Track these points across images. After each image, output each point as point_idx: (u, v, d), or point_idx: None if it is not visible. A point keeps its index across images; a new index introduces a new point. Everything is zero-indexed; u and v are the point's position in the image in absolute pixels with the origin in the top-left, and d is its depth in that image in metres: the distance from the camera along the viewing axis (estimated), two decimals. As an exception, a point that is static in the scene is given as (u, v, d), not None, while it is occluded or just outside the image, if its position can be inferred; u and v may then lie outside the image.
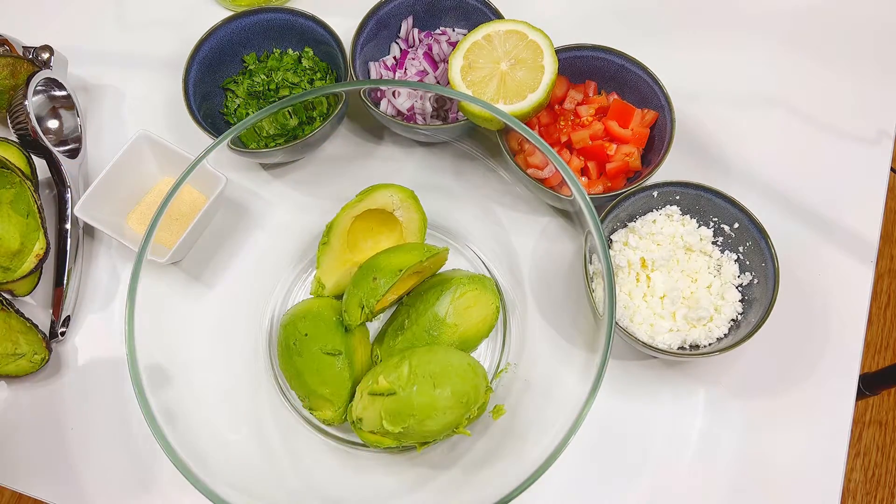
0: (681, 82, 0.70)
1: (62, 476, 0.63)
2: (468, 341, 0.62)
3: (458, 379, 0.55)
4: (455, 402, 0.55)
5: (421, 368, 0.55)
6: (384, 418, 0.54)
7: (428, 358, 0.56)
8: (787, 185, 0.71)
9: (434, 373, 0.55)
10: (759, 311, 0.59)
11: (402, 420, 0.54)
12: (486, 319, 0.62)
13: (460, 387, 0.55)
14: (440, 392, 0.54)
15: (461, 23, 0.75)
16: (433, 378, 0.54)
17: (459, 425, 0.56)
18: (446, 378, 0.55)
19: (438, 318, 0.60)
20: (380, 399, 0.55)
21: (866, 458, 1.32)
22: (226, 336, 0.64)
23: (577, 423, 0.47)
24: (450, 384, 0.55)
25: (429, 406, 0.54)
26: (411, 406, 0.54)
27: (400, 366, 0.55)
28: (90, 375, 0.66)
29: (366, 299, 0.58)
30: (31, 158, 0.70)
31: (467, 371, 0.57)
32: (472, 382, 0.56)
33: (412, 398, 0.54)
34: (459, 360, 0.57)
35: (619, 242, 0.65)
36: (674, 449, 0.62)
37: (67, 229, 0.68)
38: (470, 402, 0.56)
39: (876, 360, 1.40)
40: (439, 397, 0.54)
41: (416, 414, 0.54)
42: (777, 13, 0.80)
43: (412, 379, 0.54)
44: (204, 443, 0.52)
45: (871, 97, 0.75)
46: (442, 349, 0.58)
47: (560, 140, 0.68)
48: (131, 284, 0.51)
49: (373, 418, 0.55)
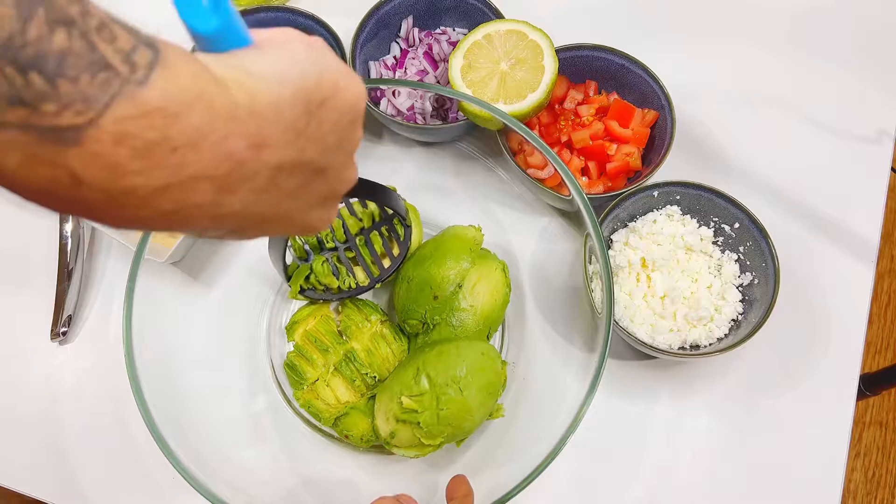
0: (681, 82, 0.70)
1: (62, 476, 0.63)
2: (490, 316, 0.61)
3: (478, 373, 0.55)
4: (484, 395, 0.55)
5: (440, 377, 0.54)
6: (420, 437, 0.54)
7: (443, 363, 0.55)
8: (787, 185, 0.71)
9: (454, 377, 0.54)
10: (759, 311, 0.59)
11: (440, 432, 0.53)
12: (498, 287, 0.61)
13: (483, 379, 0.55)
14: (468, 394, 0.54)
15: (461, 22, 0.75)
16: (456, 383, 0.54)
17: (493, 412, 0.57)
18: (468, 377, 0.54)
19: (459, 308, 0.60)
20: (409, 420, 0.54)
21: (867, 459, 1.32)
22: (225, 336, 0.64)
23: (574, 422, 0.47)
24: (474, 382, 0.54)
25: (462, 411, 0.54)
26: (446, 418, 0.53)
27: (418, 380, 0.54)
28: (90, 375, 0.66)
29: (429, 316, 0.60)
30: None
31: (483, 360, 0.56)
32: (491, 369, 0.56)
33: (443, 412, 0.53)
34: (470, 351, 0.57)
35: (619, 242, 0.64)
36: (674, 449, 0.62)
37: (68, 229, 0.68)
38: (496, 388, 0.56)
39: (876, 360, 1.39)
40: (469, 399, 0.54)
41: (452, 422, 0.53)
42: (777, 13, 0.80)
43: (435, 390, 0.53)
44: (202, 443, 0.52)
45: (871, 97, 0.75)
46: (451, 347, 0.57)
47: (560, 140, 0.68)
48: (128, 286, 0.51)
49: (407, 438, 0.55)
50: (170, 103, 0.22)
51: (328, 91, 0.29)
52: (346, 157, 0.32)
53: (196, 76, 0.23)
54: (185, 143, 0.22)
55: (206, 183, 0.24)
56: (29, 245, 0.71)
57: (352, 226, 0.63)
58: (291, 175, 0.28)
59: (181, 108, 0.22)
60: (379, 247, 0.63)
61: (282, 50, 0.28)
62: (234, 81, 0.24)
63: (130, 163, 0.21)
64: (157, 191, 0.23)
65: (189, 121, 0.22)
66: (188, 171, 0.23)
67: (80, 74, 0.20)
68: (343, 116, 0.30)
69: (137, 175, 0.22)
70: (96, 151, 0.21)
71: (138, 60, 0.21)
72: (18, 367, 0.67)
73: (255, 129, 0.25)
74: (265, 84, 0.26)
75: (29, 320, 0.68)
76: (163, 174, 0.22)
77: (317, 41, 0.30)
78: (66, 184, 0.21)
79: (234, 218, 0.27)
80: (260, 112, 0.25)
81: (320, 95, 0.28)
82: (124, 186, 0.22)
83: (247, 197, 0.26)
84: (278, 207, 0.29)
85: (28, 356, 0.67)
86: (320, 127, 0.28)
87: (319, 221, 0.33)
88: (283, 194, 0.28)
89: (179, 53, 0.23)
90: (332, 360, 0.59)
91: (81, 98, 0.20)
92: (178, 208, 0.24)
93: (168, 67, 0.22)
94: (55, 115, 0.20)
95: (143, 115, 0.21)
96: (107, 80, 0.21)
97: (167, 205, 0.23)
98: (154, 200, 0.23)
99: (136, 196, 0.22)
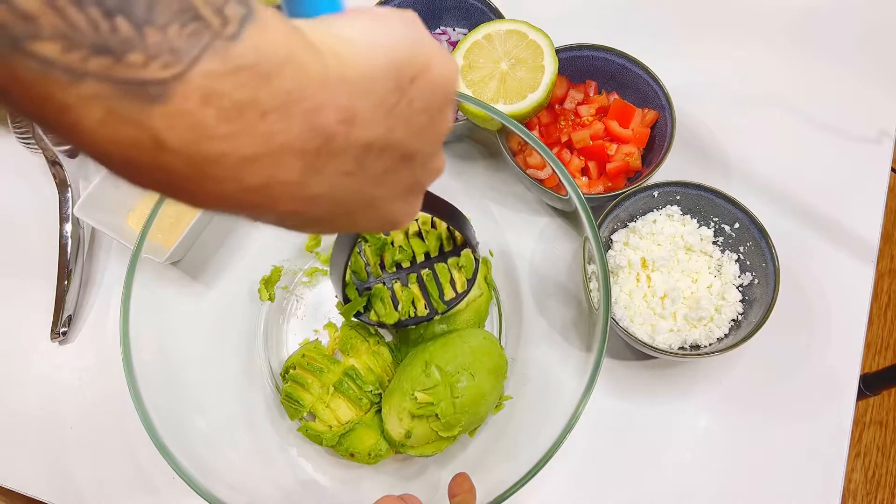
0: (681, 82, 0.70)
1: (62, 476, 0.63)
2: (479, 312, 0.62)
3: (485, 356, 0.56)
4: (494, 378, 0.56)
5: (450, 366, 0.55)
6: (438, 429, 0.54)
7: (450, 353, 0.56)
8: (787, 185, 0.71)
9: (464, 364, 0.55)
10: (759, 311, 0.59)
11: (457, 421, 0.54)
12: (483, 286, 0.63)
13: (490, 362, 0.56)
14: (479, 378, 0.55)
15: (461, 22, 0.75)
16: (466, 369, 0.55)
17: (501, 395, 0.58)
18: (476, 362, 0.55)
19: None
20: (425, 414, 0.54)
21: (867, 459, 1.32)
22: (224, 336, 0.64)
23: (572, 420, 0.47)
24: (483, 366, 0.55)
25: (476, 395, 0.55)
26: (462, 406, 0.54)
27: (428, 373, 0.55)
28: (91, 375, 0.66)
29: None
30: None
31: (487, 344, 0.57)
32: (496, 351, 0.57)
33: (459, 399, 0.54)
34: (473, 337, 0.58)
35: (619, 242, 0.64)
36: (674, 449, 0.62)
37: (68, 229, 0.68)
38: (503, 370, 0.57)
39: (876, 360, 1.39)
40: (481, 383, 0.55)
41: (469, 409, 0.54)
42: (777, 13, 0.80)
43: (447, 379, 0.54)
44: (200, 443, 0.52)
45: (871, 97, 0.75)
46: (453, 337, 0.58)
47: (560, 140, 0.68)
48: (125, 288, 0.51)
49: (424, 434, 0.55)
50: (262, 62, 0.20)
51: (421, 66, 0.26)
52: (434, 142, 0.29)
53: (288, 36, 0.21)
54: (276, 107, 0.21)
55: (295, 157, 0.22)
56: (29, 245, 0.71)
57: (417, 248, 0.58)
58: (379, 158, 0.26)
59: (273, 69, 0.20)
60: (446, 279, 0.58)
61: (375, 19, 0.26)
62: (325, 46, 0.23)
63: (218, 125, 0.20)
64: (244, 160, 0.21)
65: (280, 84, 0.21)
66: (277, 141, 0.21)
67: (169, 23, 0.19)
68: (435, 96, 0.27)
69: (225, 140, 0.20)
70: (183, 110, 0.19)
71: (230, 14, 0.20)
72: (18, 367, 0.67)
73: (347, 101, 0.23)
74: (358, 51, 0.24)
75: (29, 320, 0.68)
76: (251, 142, 0.20)
77: (411, 15, 0.28)
78: (149, 148, 0.19)
79: (317, 203, 0.24)
80: (352, 81, 0.23)
81: (413, 70, 0.26)
82: (210, 153, 0.20)
83: (333, 179, 0.24)
84: (362, 194, 0.26)
85: (28, 356, 0.67)
86: (410, 105, 0.26)
87: (403, 216, 0.31)
88: (369, 179, 0.26)
89: (271, 12, 0.21)
90: (330, 380, 0.58)
91: (169, 49, 0.19)
92: (264, 184, 0.22)
93: (260, 25, 0.20)
94: (141, 66, 0.18)
95: (233, 72, 0.19)
96: (197, 31, 0.19)
97: (253, 179, 0.21)
98: (240, 172, 0.21)
99: (222, 166, 0.21)
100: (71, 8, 0.17)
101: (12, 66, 0.17)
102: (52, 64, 0.18)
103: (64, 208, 0.69)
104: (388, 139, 0.25)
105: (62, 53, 0.18)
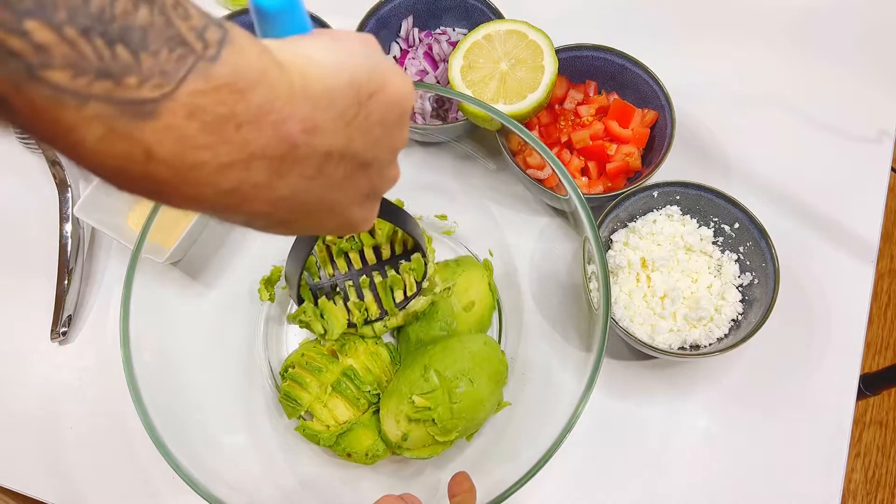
0: (681, 82, 0.70)
1: (62, 476, 0.63)
2: (482, 320, 0.62)
3: (485, 363, 0.56)
4: (493, 384, 0.56)
5: (449, 372, 0.55)
6: (435, 434, 0.54)
7: (450, 358, 0.56)
8: (787, 185, 0.71)
9: (463, 369, 0.55)
10: (759, 311, 0.59)
11: (454, 426, 0.54)
12: (486, 293, 0.63)
13: (490, 368, 0.56)
14: (478, 384, 0.55)
15: (461, 22, 0.75)
16: (465, 375, 0.55)
17: (500, 401, 0.58)
18: (476, 368, 0.55)
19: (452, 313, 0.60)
20: (422, 418, 0.54)
21: (867, 459, 1.32)
22: (224, 336, 0.64)
23: (572, 420, 0.47)
24: (482, 372, 0.55)
25: (474, 402, 0.54)
26: (460, 411, 0.54)
27: (427, 378, 0.55)
28: (90, 375, 0.66)
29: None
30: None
31: (487, 350, 0.57)
32: (496, 357, 0.57)
33: (457, 405, 0.54)
34: (474, 343, 0.58)
35: (619, 242, 0.64)
36: (674, 449, 0.62)
37: (68, 229, 0.68)
38: (502, 376, 0.57)
39: (876, 360, 1.39)
40: (480, 389, 0.55)
41: (466, 415, 0.54)
42: (777, 13, 0.80)
43: (445, 385, 0.54)
44: (200, 443, 0.52)
45: (871, 97, 0.75)
46: (454, 341, 0.58)
47: (560, 140, 0.68)
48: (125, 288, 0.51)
49: (420, 438, 0.55)
50: (238, 80, 0.23)
51: (378, 84, 0.29)
52: (390, 153, 0.33)
53: (260, 56, 0.24)
54: (249, 120, 0.23)
55: (264, 163, 0.25)
56: (29, 245, 0.71)
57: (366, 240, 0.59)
58: (339, 165, 0.28)
59: (247, 86, 0.23)
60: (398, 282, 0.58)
61: (338, 41, 0.29)
62: (292, 65, 0.25)
63: (200, 137, 0.22)
64: (221, 167, 0.23)
65: (253, 98, 0.23)
66: (250, 149, 0.24)
67: (160, 49, 0.21)
68: (390, 111, 0.30)
69: (206, 150, 0.23)
70: (170, 125, 0.22)
71: (210, 38, 0.22)
72: (18, 367, 0.67)
73: (310, 114, 0.26)
74: (321, 70, 0.27)
75: (29, 320, 0.68)
76: (227, 150, 0.23)
77: (370, 38, 0.31)
78: (140, 160, 0.22)
79: (282, 204, 0.27)
80: (314, 96, 0.26)
81: (371, 87, 0.29)
82: (193, 161, 0.23)
83: (296, 182, 0.27)
84: (324, 198, 0.29)
85: (28, 356, 0.67)
86: (368, 118, 0.29)
87: (361, 219, 0.34)
88: (330, 184, 0.29)
89: (244, 34, 0.24)
90: (328, 380, 0.58)
91: (160, 71, 0.21)
92: (237, 187, 0.25)
93: (236, 47, 0.23)
94: (136, 87, 0.21)
95: (214, 89, 0.22)
96: (183, 55, 0.22)
97: (228, 183, 0.24)
98: (217, 177, 0.24)
99: (202, 172, 0.23)
100: (80, 39, 0.20)
101: (28, 93, 0.20)
102: (62, 90, 0.20)
103: (64, 208, 0.69)
104: (348, 148, 0.28)
105: (71, 80, 0.20)
